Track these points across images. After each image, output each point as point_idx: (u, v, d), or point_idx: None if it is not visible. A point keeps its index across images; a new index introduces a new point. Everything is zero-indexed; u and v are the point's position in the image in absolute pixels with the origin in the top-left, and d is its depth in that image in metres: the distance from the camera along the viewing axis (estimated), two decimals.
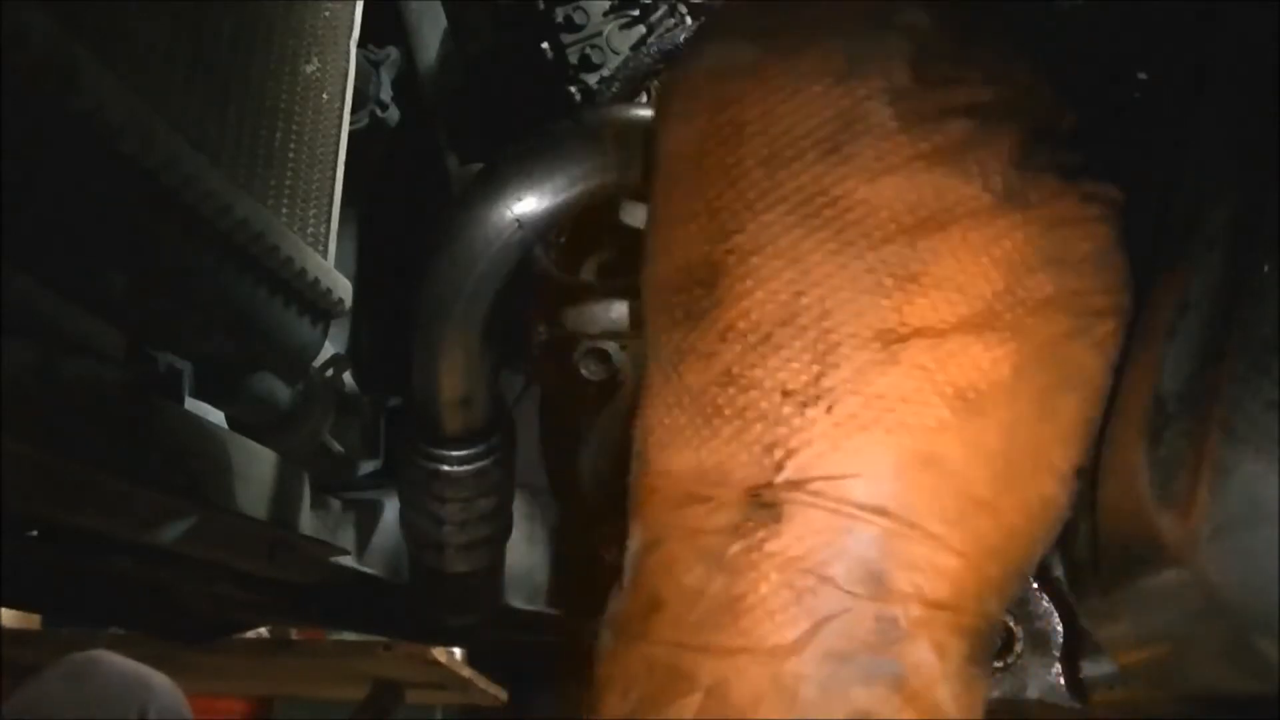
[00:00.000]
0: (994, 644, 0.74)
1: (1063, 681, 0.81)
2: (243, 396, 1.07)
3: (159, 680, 1.69)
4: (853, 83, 0.72)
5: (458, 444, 1.02)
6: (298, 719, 3.72)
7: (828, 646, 0.66)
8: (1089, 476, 0.74)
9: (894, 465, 0.68)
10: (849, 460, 0.68)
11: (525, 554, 1.36)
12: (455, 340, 0.93)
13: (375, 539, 1.33)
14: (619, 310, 1.12)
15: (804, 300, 0.70)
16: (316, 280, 1.01)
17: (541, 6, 1.23)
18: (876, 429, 0.68)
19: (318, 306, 1.04)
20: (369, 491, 1.35)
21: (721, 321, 0.72)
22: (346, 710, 2.83)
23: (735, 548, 0.69)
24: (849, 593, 0.66)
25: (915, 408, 0.68)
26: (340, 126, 1.09)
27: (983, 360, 0.69)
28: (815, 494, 0.68)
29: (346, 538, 1.30)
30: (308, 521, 1.16)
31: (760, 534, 0.69)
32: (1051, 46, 0.77)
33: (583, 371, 1.19)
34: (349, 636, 2.54)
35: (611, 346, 1.20)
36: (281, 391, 1.12)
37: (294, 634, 2.66)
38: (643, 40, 1.23)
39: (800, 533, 0.68)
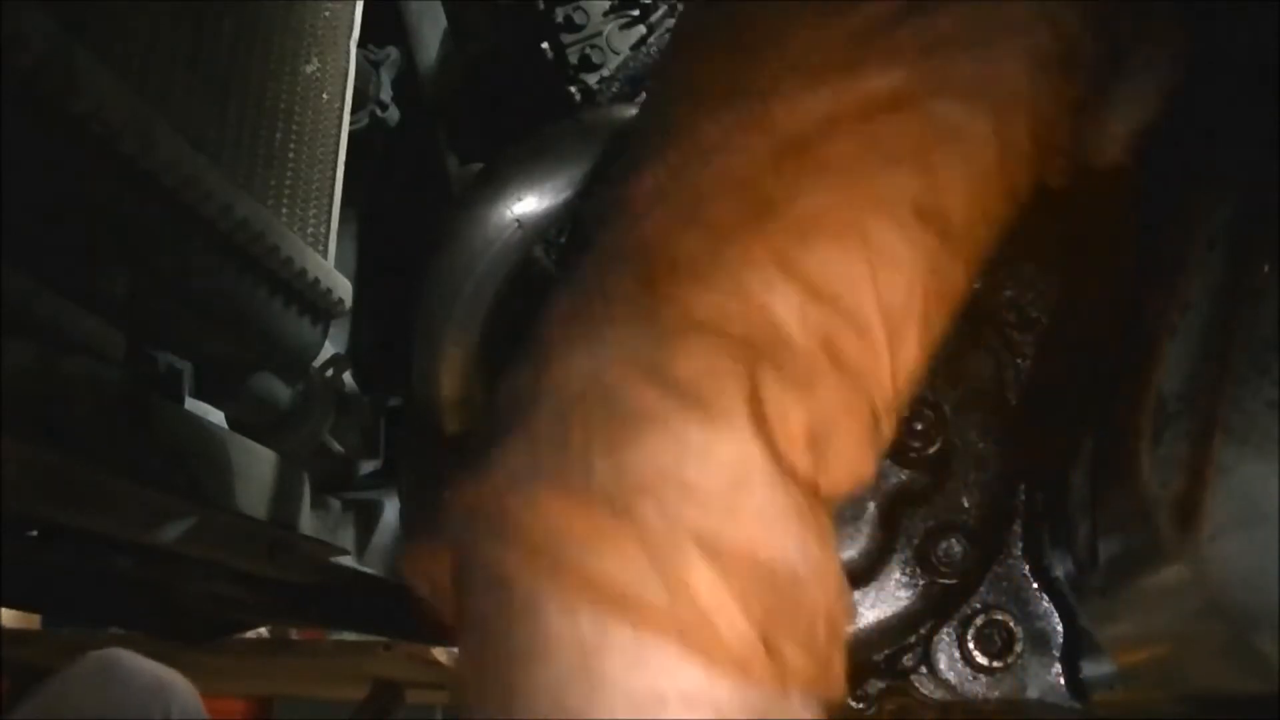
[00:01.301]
0: None
1: (1063, 681, 0.81)
2: (243, 396, 1.07)
3: (178, 680, 1.69)
4: None
5: (458, 444, 1.02)
6: (298, 719, 3.72)
7: None
8: (1090, 476, 0.74)
9: None
10: None
11: None
12: (455, 340, 0.93)
13: (375, 539, 1.33)
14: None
15: None
16: (316, 280, 1.01)
17: (541, 6, 1.23)
18: None
19: (318, 306, 1.04)
20: (369, 491, 1.35)
21: None
22: (346, 710, 2.83)
23: None
24: None
25: None
26: (340, 126, 1.09)
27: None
28: None
29: (346, 538, 1.30)
30: (308, 521, 1.16)
31: None
32: None
33: None
34: (349, 636, 2.54)
35: None
36: (281, 391, 1.12)
37: (294, 634, 2.66)
38: (643, 40, 1.23)
39: None
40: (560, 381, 0.59)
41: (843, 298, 0.60)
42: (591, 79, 1.22)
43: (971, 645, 0.82)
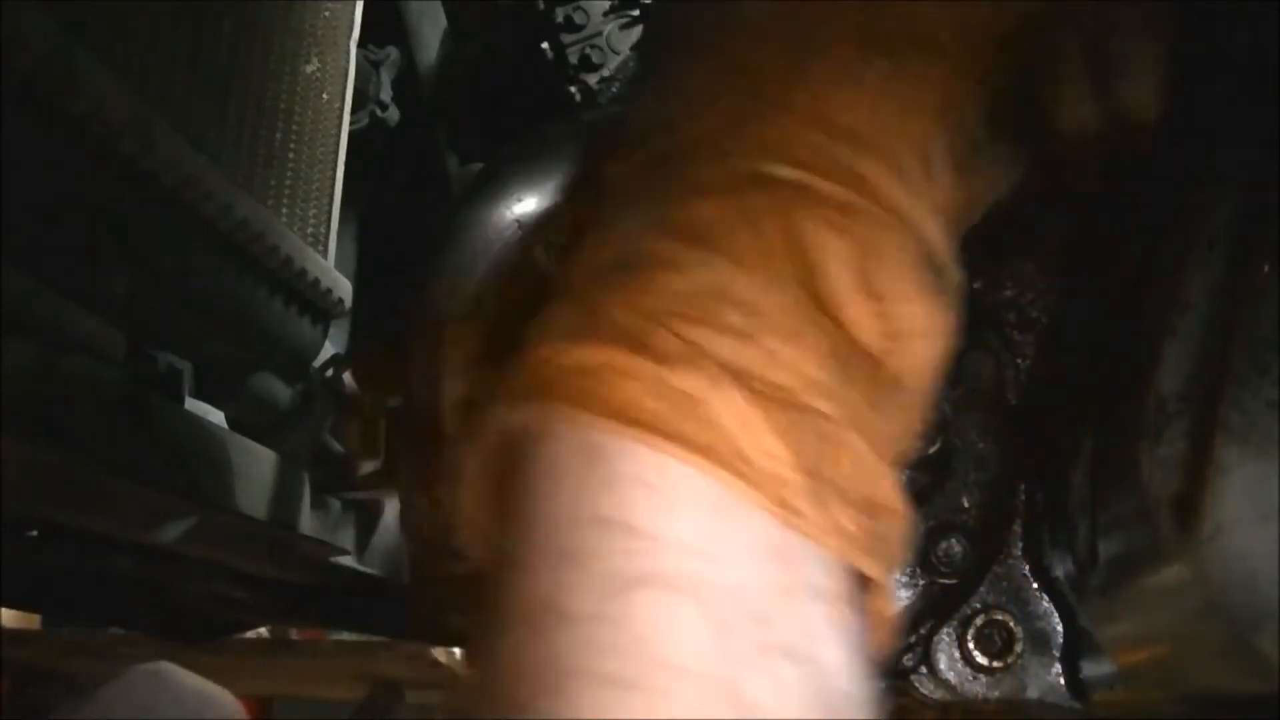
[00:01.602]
0: None
1: (1063, 681, 0.81)
2: (243, 396, 1.07)
3: (224, 695, 1.69)
4: None
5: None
6: (298, 719, 3.72)
7: None
8: (1090, 476, 0.74)
9: None
10: None
11: None
12: (455, 340, 0.93)
13: (375, 539, 1.33)
14: None
15: None
16: (316, 280, 1.01)
17: (541, 6, 1.23)
18: None
19: (318, 306, 1.04)
20: (369, 491, 1.35)
21: None
22: (346, 710, 2.82)
23: None
24: None
25: None
26: (340, 126, 1.09)
27: None
28: None
29: (346, 538, 1.30)
30: (308, 521, 1.16)
31: None
32: None
33: None
34: (349, 636, 2.54)
35: None
36: (281, 391, 1.12)
37: (294, 634, 2.66)
38: None
39: None
40: (578, 265, 0.55)
41: (864, 132, 0.55)
42: (591, 79, 1.22)
43: (971, 645, 0.82)
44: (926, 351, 0.55)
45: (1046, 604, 0.82)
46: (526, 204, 0.88)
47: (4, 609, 2.57)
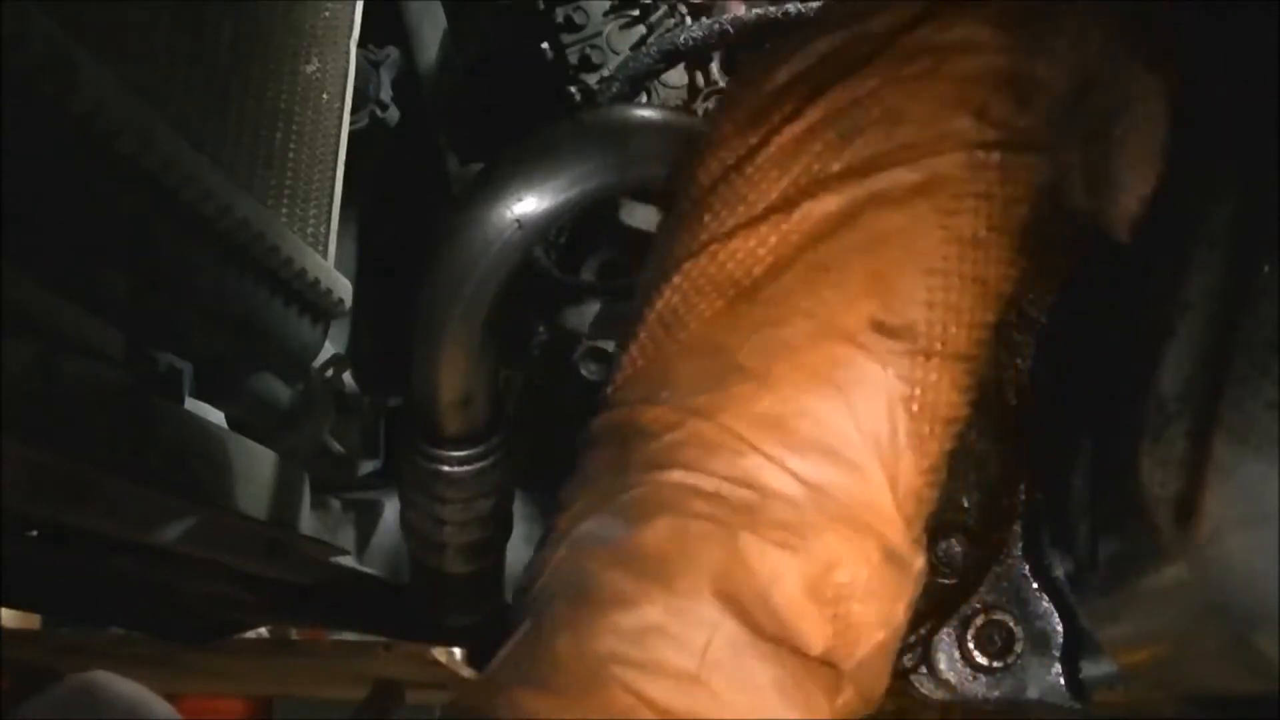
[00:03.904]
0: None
1: (1063, 681, 0.81)
2: (243, 396, 1.07)
3: (158, 703, 1.68)
4: None
5: (458, 444, 1.02)
6: (298, 719, 3.72)
7: None
8: (1090, 476, 0.74)
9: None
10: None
11: (525, 554, 1.36)
12: (455, 340, 0.93)
13: (375, 539, 1.33)
14: (619, 310, 1.12)
15: None
16: (316, 280, 1.01)
17: (541, 7, 1.24)
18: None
19: (318, 306, 1.04)
20: (369, 491, 1.35)
21: None
22: (346, 710, 2.82)
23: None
24: None
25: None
26: (340, 126, 1.09)
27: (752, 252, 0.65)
28: None
29: (346, 538, 1.30)
30: (308, 521, 1.16)
31: None
32: None
33: (583, 371, 1.19)
34: (349, 636, 2.54)
35: (611, 346, 1.20)
36: (281, 391, 1.12)
37: (294, 634, 2.67)
38: (643, 40, 1.23)
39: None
40: (544, 578, 0.62)
41: (823, 442, 0.59)
42: (591, 79, 1.22)
43: (971, 645, 0.82)
44: (882, 644, 0.61)
45: (1046, 604, 0.82)
46: (526, 204, 0.88)
47: (4, 609, 2.57)
